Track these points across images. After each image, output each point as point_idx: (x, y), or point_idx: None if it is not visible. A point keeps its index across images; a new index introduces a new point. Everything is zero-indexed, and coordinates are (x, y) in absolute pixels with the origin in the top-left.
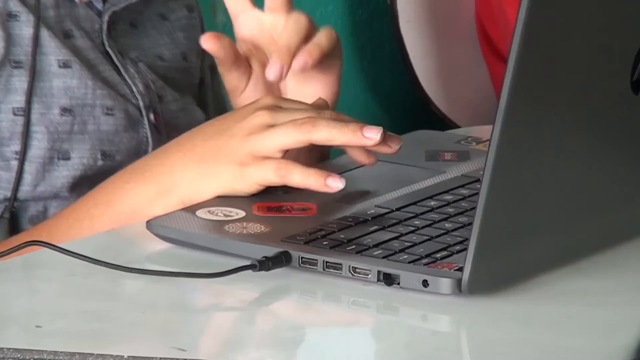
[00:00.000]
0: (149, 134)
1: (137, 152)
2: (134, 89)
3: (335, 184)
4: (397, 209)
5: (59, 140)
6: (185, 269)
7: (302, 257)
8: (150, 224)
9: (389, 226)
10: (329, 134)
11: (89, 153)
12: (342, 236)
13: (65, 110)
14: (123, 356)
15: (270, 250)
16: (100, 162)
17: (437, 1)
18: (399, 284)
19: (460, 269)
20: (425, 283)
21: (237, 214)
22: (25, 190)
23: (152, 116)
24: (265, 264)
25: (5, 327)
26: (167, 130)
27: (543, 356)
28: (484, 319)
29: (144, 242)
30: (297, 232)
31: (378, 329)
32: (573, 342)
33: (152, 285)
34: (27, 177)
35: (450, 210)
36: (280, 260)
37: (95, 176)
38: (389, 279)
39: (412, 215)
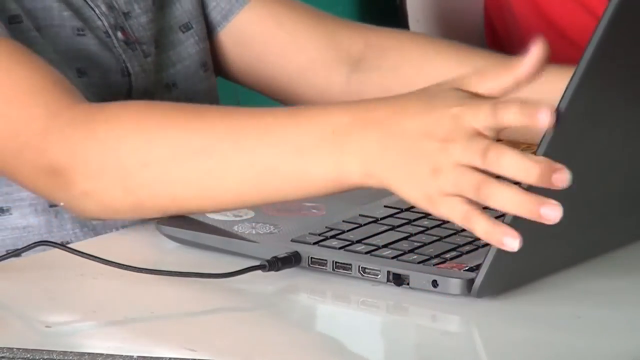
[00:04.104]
0: (121, 52)
1: (116, 70)
2: (96, 11)
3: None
4: (407, 209)
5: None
6: (194, 269)
7: (311, 257)
8: (159, 224)
9: (398, 226)
10: (515, 171)
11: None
12: (352, 236)
13: (37, 30)
14: (132, 356)
15: (280, 251)
16: (76, 80)
17: (446, 0)
18: (408, 284)
19: (470, 269)
20: (434, 283)
21: (246, 213)
22: None
23: (119, 34)
24: (274, 264)
25: (14, 327)
26: (140, 45)
27: (553, 356)
28: (494, 319)
29: (153, 242)
30: (306, 232)
31: (387, 329)
32: (583, 342)
33: (161, 286)
34: None
35: None
36: (290, 260)
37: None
38: (398, 279)
39: (421, 215)
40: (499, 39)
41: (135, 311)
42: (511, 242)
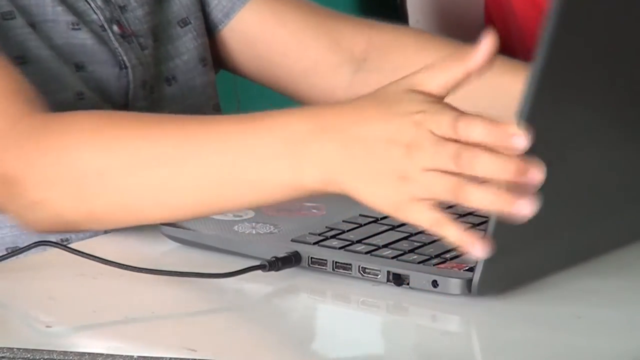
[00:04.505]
0: (117, 45)
1: (113, 64)
2: (92, 5)
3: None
4: None
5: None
6: (194, 269)
7: (311, 257)
8: (159, 224)
9: (398, 226)
10: (490, 170)
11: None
12: (352, 236)
13: (30, 26)
14: (133, 356)
15: (280, 251)
16: (76, 75)
17: (447, 0)
18: (408, 284)
19: (470, 269)
20: (434, 283)
21: (246, 213)
22: None
23: (115, 28)
24: (275, 264)
25: (15, 327)
26: (136, 38)
27: (553, 356)
28: (494, 319)
29: (153, 242)
30: (306, 232)
31: (387, 329)
32: (583, 342)
33: (161, 286)
34: None
35: (459, 210)
36: (290, 260)
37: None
38: (398, 279)
39: None
40: (499, 38)
41: (135, 311)
42: (478, 250)
